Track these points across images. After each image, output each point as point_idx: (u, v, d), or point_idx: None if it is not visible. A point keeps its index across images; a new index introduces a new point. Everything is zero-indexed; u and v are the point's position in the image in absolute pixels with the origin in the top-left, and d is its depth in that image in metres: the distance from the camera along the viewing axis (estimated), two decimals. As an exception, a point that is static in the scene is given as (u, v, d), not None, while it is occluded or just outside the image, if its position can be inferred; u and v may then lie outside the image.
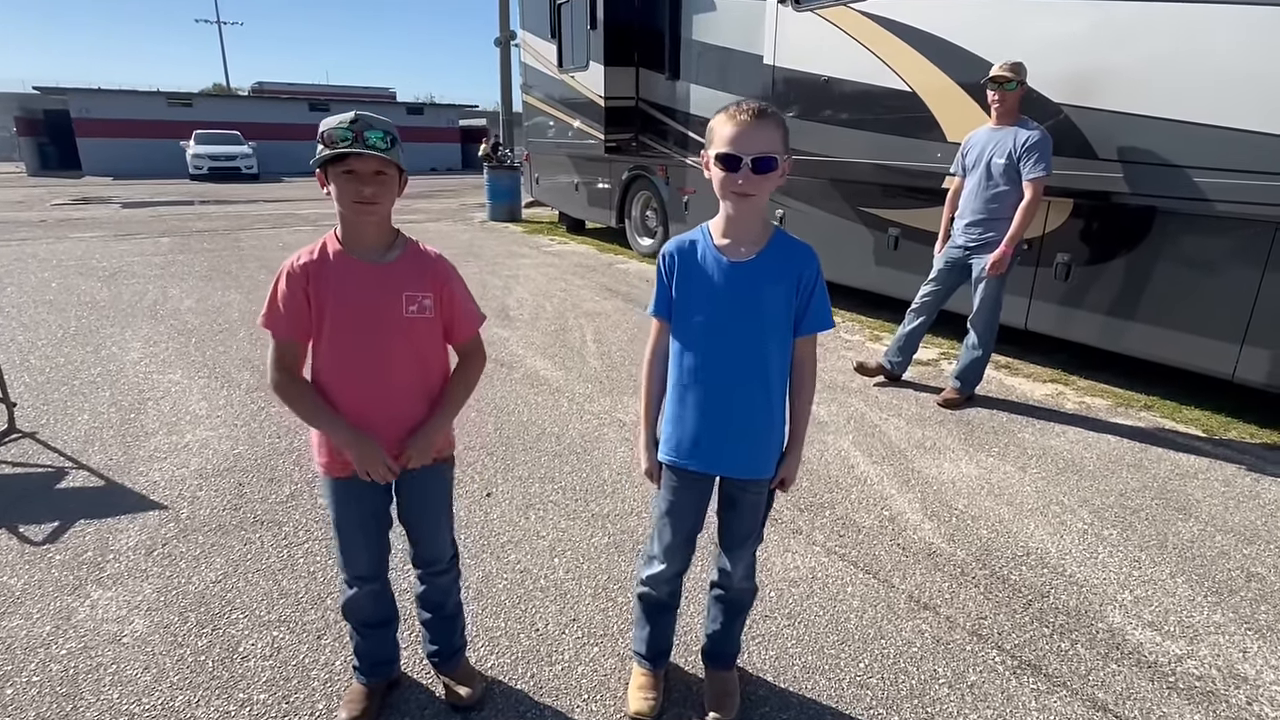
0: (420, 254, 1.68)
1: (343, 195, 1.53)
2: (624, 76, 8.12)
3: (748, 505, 1.72)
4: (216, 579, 2.44)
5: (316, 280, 1.59)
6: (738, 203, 1.53)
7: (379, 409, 1.66)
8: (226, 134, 24.49)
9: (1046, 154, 3.61)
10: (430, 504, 1.81)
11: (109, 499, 2.95)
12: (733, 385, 1.60)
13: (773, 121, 1.48)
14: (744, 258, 1.57)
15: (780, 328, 1.59)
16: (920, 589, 2.45)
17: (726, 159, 1.48)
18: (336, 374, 1.63)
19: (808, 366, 1.66)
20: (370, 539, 1.78)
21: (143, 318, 5.71)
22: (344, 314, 1.60)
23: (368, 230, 1.60)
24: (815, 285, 1.58)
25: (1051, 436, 3.72)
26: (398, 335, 1.63)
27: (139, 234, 10.49)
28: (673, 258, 1.63)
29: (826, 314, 1.61)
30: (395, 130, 1.55)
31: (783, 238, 1.60)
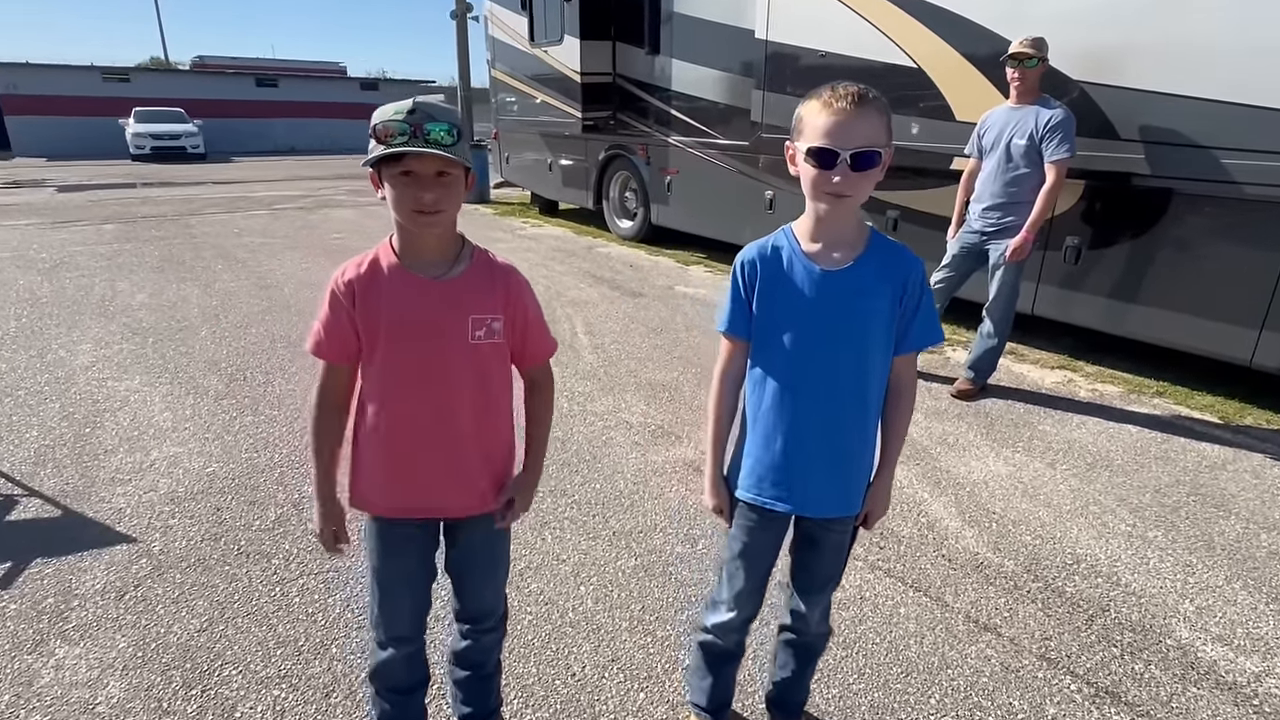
0: (490, 266, 1.42)
1: (400, 202, 1.26)
2: (601, 51, 7.76)
3: (831, 546, 1.52)
4: (201, 626, 2.15)
5: (365, 300, 1.34)
6: (832, 204, 1.30)
7: (437, 449, 1.42)
8: (169, 111, 23.20)
9: (1070, 134, 3.46)
10: (490, 555, 1.58)
11: (68, 532, 2.62)
12: (825, 412, 1.39)
13: (874, 108, 1.25)
14: (838, 265, 1.34)
15: (880, 345, 1.37)
16: (976, 607, 2.29)
17: (820, 154, 1.26)
18: (390, 409, 1.39)
19: (907, 388, 1.45)
20: (417, 594, 1.54)
21: (91, 315, 5.25)
22: (400, 340, 1.35)
23: (429, 240, 1.34)
24: (921, 294, 1.37)
25: (1072, 428, 3.61)
26: (461, 364, 1.38)
27: (79, 221, 9.79)
28: (753, 266, 1.40)
29: (935, 326, 1.40)
30: (459, 121, 1.28)
31: (881, 240, 1.38)
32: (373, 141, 1.24)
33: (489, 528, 1.52)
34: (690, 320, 5.37)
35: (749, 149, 6.27)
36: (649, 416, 3.69)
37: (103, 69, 26.59)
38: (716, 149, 6.74)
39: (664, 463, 3.21)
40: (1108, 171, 3.94)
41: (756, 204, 6.38)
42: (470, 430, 1.43)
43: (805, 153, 1.28)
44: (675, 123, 7.19)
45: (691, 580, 2.40)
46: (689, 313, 5.57)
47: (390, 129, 1.21)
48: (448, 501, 1.47)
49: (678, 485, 3.02)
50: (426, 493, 1.44)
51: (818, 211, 1.34)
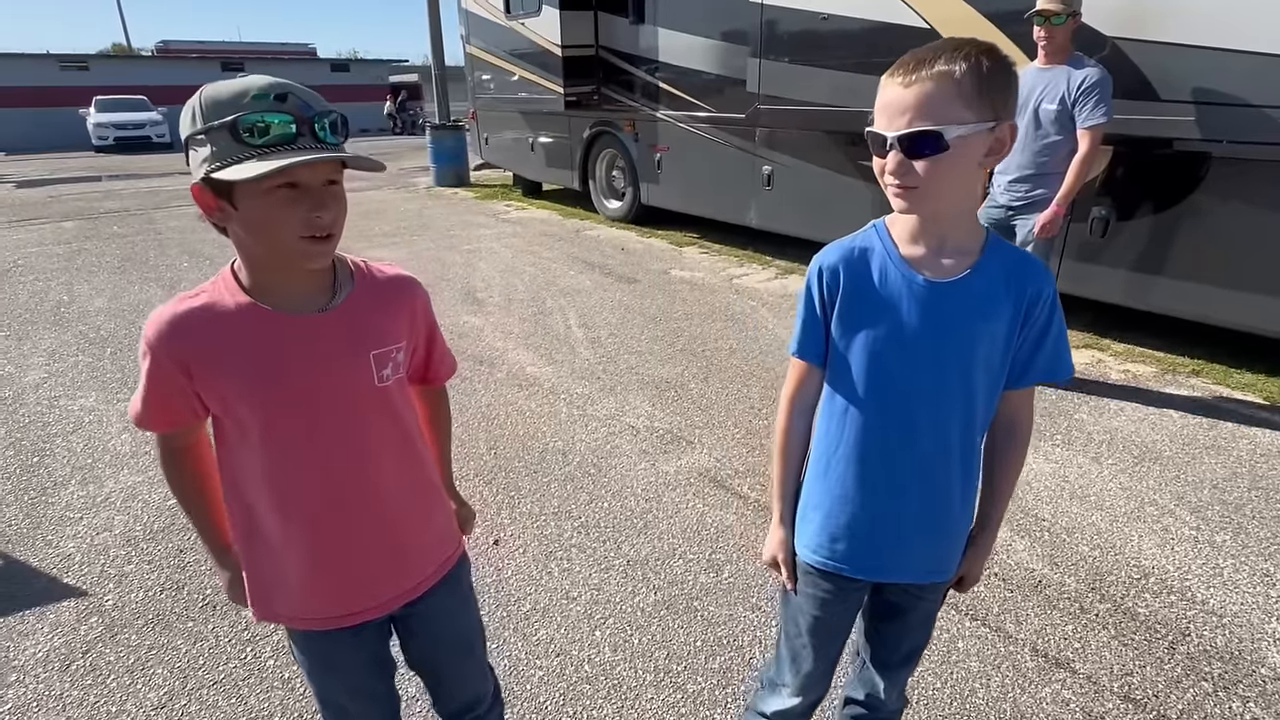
0: (379, 282, 1.10)
1: (280, 227, 0.93)
2: (582, 22, 7.32)
3: (920, 616, 1.24)
4: (160, 701, 1.85)
5: (207, 365, 0.98)
6: (899, 198, 1.00)
7: (365, 531, 1.10)
8: (132, 99, 22.30)
9: (1107, 96, 3.15)
10: (455, 629, 1.27)
11: (8, 587, 2.30)
12: (921, 459, 1.10)
13: (944, 79, 0.93)
14: (948, 275, 1.04)
15: (991, 376, 1.08)
16: (1043, 637, 2.03)
17: (872, 139, 1.00)
18: (287, 498, 1.05)
19: (1023, 428, 1.16)
20: (377, 701, 1.25)
21: (44, 325, 4.86)
22: (282, 408, 1.01)
23: (307, 271, 1.00)
24: (1051, 316, 1.07)
25: (1110, 416, 3.36)
26: (372, 417, 1.07)
27: (37, 219, 9.28)
28: (834, 274, 1.09)
29: (1065, 355, 1.09)
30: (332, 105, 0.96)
31: (1001, 246, 1.07)
32: (219, 144, 0.89)
33: (448, 598, 1.22)
34: (689, 308, 5.06)
35: (745, 121, 5.91)
36: (655, 419, 3.40)
37: (60, 57, 25.53)
38: (710, 123, 6.37)
39: (676, 473, 2.92)
40: (1145, 137, 3.64)
41: (753, 180, 6.04)
42: (399, 493, 1.12)
43: (865, 137, 1.01)
44: (664, 96, 6.80)
45: (720, 618, 2.12)
46: (687, 299, 5.25)
47: (265, 125, 0.87)
48: (395, 587, 1.15)
49: (694, 500, 2.73)
50: (365, 589, 1.12)
51: (896, 210, 1.04)
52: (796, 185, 5.58)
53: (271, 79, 0.93)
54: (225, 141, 0.88)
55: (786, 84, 5.31)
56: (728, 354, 4.19)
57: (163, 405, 1.02)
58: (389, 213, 9.33)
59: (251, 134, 0.88)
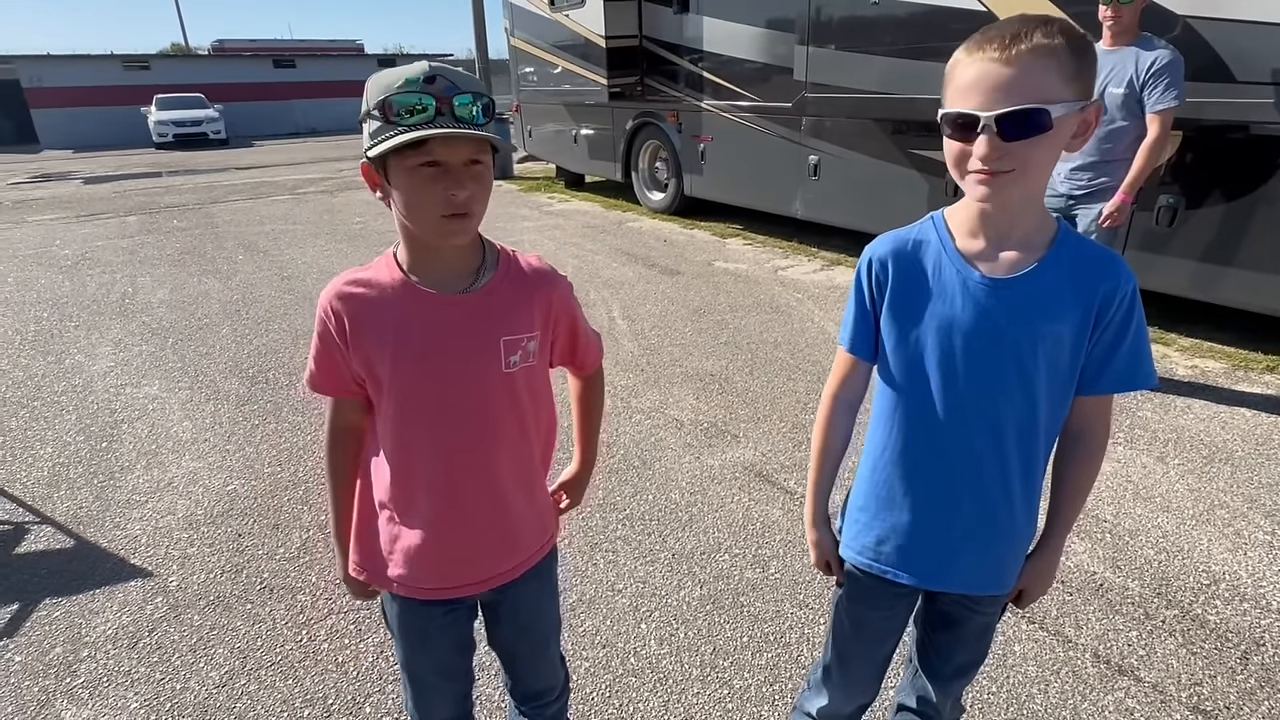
0: (523, 272, 1.11)
1: (423, 204, 0.96)
2: (626, 12, 7.29)
3: (975, 629, 1.19)
4: (221, 680, 1.92)
5: (362, 331, 1.04)
6: (985, 185, 0.92)
7: (476, 507, 1.13)
8: (190, 98, 23.08)
9: (1178, 78, 2.99)
10: (538, 619, 1.30)
11: (80, 565, 2.41)
12: (976, 465, 1.05)
13: (1044, 53, 0.87)
14: (1008, 272, 0.99)
15: (1059, 379, 1.01)
16: (1104, 643, 1.96)
17: (956, 120, 0.91)
18: (410, 464, 1.10)
19: (1097, 438, 1.08)
20: (457, 680, 1.29)
21: (111, 315, 5.07)
22: (413, 377, 1.05)
23: (450, 249, 1.04)
24: (1130, 318, 0.98)
25: (1177, 413, 3.21)
26: (498, 401, 1.09)
27: (103, 213, 9.68)
28: (884, 267, 1.05)
29: (1145, 362, 1.01)
30: (485, 90, 0.96)
31: (1074, 240, 1.00)
32: (375, 124, 0.92)
33: (538, 589, 1.25)
34: (734, 300, 5.01)
35: (791, 110, 5.81)
36: (700, 412, 3.38)
37: (123, 57, 26.51)
38: (755, 112, 6.28)
39: (721, 467, 2.90)
40: (1219, 121, 3.46)
41: (799, 170, 5.94)
42: (511, 476, 1.15)
43: (942, 120, 0.93)
44: (708, 86, 6.73)
45: (767, 614, 2.10)
46: (731, 291, 5.20)
47: (407, 105, 0.89)
48: (495, 568, 1.18)
49: (739, 494, 2.71)
50: (468, 566, 1.16)
51: (978, 201, 0.98)
52: (845, 175, 5.46)
53: (428, 64, 0.95)
54: (380, 122, 0.93)
55: (835, 71, 5.20)
56: (773, 347, 4.14)
57: (328, 369, 1.11)
58: (435, 206, 9.46)
59: (398, 114, 0.91)
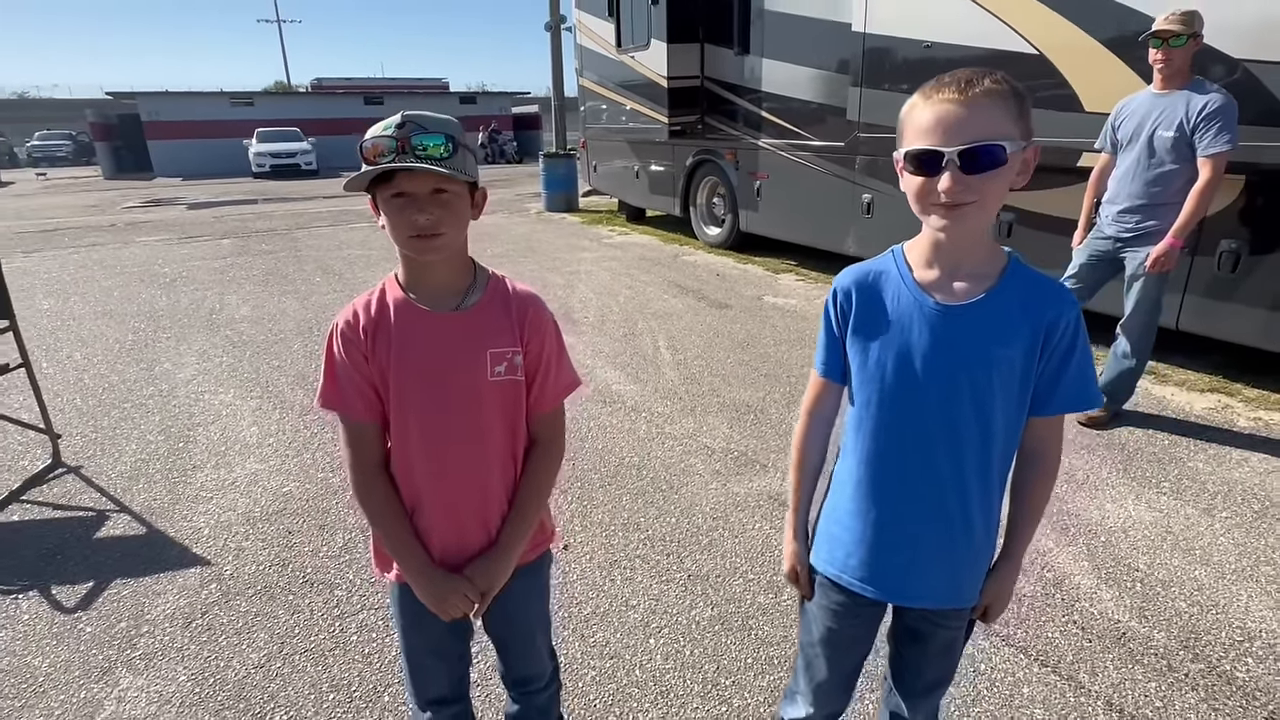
0: (508, 295, 1.25)
1: (397, 227, 1.12)
2: (688, 54, 7.55)
3: (940, 644, 1.23)
4: (259, 661, 2.09)
5: (374, 339, 1.19)
6: (947, 218, 1.01)
7: (466, 506, 1.25)
8: (287, 131, 24.80)
9: (1231, 123, 2.94)
10: (524, 614, 1.40)
11: (149, 551, 2.65)
12: (934, 482, 1.11)
13: (994, 96, 0.96)
14: (961, 299, 1.06)
15: (1011, 401, 1.08)
16: (1119, 692, 1.91)
17: (921, 157, 0.99)
18: (407, 461, 1.23)
19: (1049, 458, 1.15)
20: (450, 661, 1.39)
21: (198, 329, 5.51)
22: (411, 381, 1.19)
23: (435, 269, 1.19)
24: (1074, 343, 1.06)
25: (1231, 466, 3.08)
26: (484, 407, 1.22)
27: (202, 236, 10.50)
28: (848, 296, 1.14)
29: (1090, 385, 1.08)
30: (460, 132, 1.11)
31: (1022, 271, 1.08)
32: (361, 163, 1.08)
33: (525, 586, 1.34)
34: (779, 334, 5.07)
35: (844, 150, 5.88)
36: (732, 441, 3.44)
37: (231, 94, 28.76)
38: (809, 151, 6.38)
39: (747, 495, 2.95)
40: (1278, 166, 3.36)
41: (852, 208, 5.98)
42: (499, 479, 1.26)
43: (905, 158, 1.01)
44: (765, 125, 6.87)
45: (774, 638, 2.14)
46: (777, 325, 5.26)
47: (379, 146, 1.06)
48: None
49: (761, 522, 2.75)
50: (455, 560, 1.26)
51: (934, 231, 1.06)
52: (898, 213, 5.47)
53: (405, 113, 1.10)
54: (361, 161, 1.09)
55: (887, 112, 5.25)
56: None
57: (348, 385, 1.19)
58: (501, 236, 9.87)
59: (370, 156, 1.07)
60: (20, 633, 2.23)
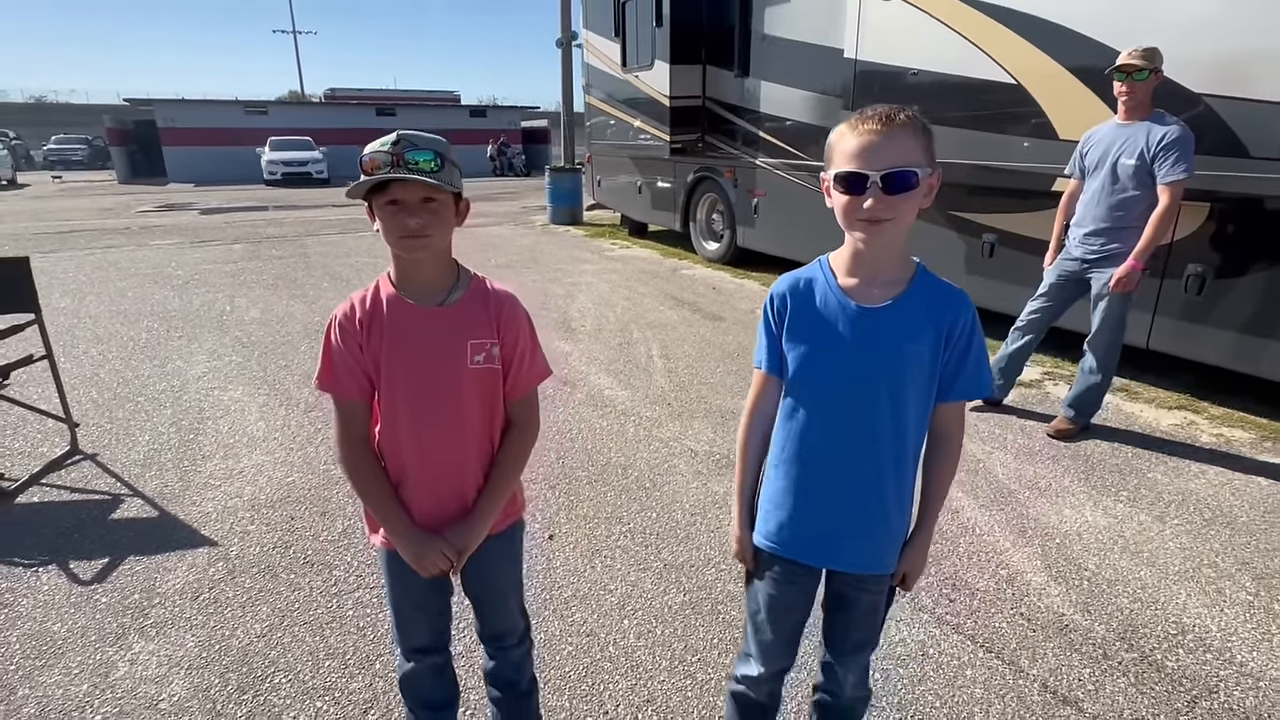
0: (487, 293, 1.43)
1: (389, 230, 1.30)
2: (690, 75, 7.80)
3: (864, 607, 1.40)
4: (262, 632, 2.25)
5: (369, 330, 1.36)
6: (868, 232, 1.20)
7: (445, 481, 1.42)
8: (299, 140, 25.21)
9: (1188, 153, 3.12)
10: (497, 575, 1.57)
11: (161, 532, 2.83)
12: (855, 461, 1.29)
13: (909, 128, 1.16)
14: (877, 302, 1.24)
15: (920, 390, 1.26)
16: (1056, 675, 2.06)
17: (849, 179, 1.17)
18: (395, 440, 1.40)
19: (953, 440, 1.33)
20: (432, 615, 1.56)
21: (209, 329, 5.72)
22: (400, 368, 1.36)
23: (423, 268, 1.37)
24: (971, 339, 1.25)
25: (1189, 478, 3.24)
26: (465, 391, 1.39)
27: (214, 241, 10.76)
28: (784, 300, 1.32)
29: (984, 377, 1.27)
30: (448, 149, 1.29)
31: (928, 278, 1.27)
32: (362, 176, 1.26)
33: (498, 550, 1.51)
34: (769, 345, 5.23)
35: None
36: (715, 445, 3.61)
37: (245, 103, 29.27)
38: (804, 170, 6.59)
39: (725, 494, 3.11)
40: (1237, 194, 3.54)
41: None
42: (475, 456, 1.43)
43: (834, 179, 1.20)
44: (763, 144, 7.09)
45: (739, 621, 2.29)
46: (768, 338, 5.43)
47: (375, 160, 1.24)
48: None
49: (737, 519, 2.91)
50: (434, 527, 1.43)
51: (855, 242, 1.24)
52: (886, 232, 5.66)
53: (399, 133, 1.27)
54: (360, 172, 1.27)
55: (876, 135, 5.45)
56: (797, 391, 4.32)
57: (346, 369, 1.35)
58: (505, 247, 10.10)
59: (368, 168, 1.26)
60: (41, 601, 2.40)
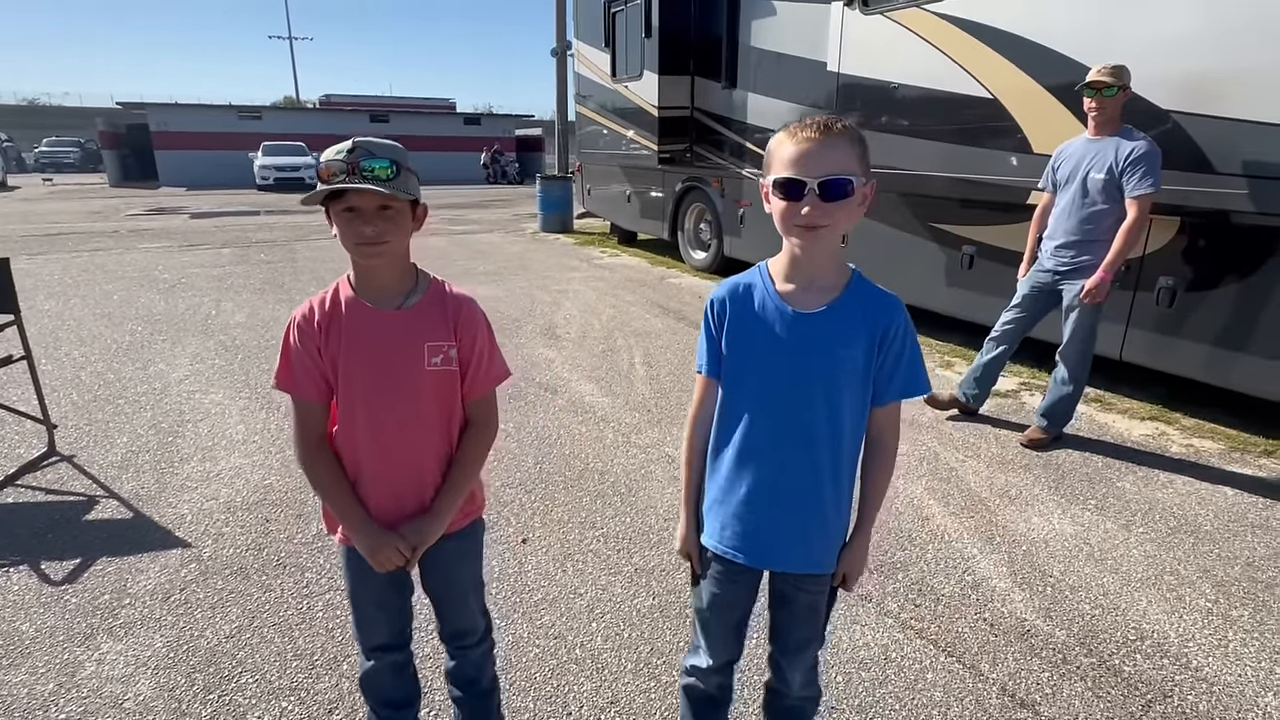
0: (444, 296, 1.46)
1: (345, 236, 1.32)
2: (679, 86, 7.87)
3: (804, 606, 1.42)
4: (230, 633, 2.26)
5: (327, 332, 1.38)
6: (805, 238, 1.23)
7: (403, 480, 1.44)
8: (292, 145, 25.21)
9: (1155, 168, 3.19)
10: (457, 574, 1.59)
11: (134, 533, 2.83)
12: (791, 462, 1.31)
13: (845, 138, 1.19)
14: (813, 308, 1.28)
15: (855, 394, 1.29)
16: (1015, 680, 2.09)
17: (787, 185, 1.19)
18: (353, 440, 1.42)
19: (888, 441, 1.36)
20: (391, 613, 1.57)
21: (194, 333, 5.72)
22: (358, 369, 1.38)
23: (380, 272, 1.39)
24: (904, 341, 1.28)
25: (1157, 487, 3.28)
26: (422, 392, 1.42)
27: (203, 245, 10.75)
28: (723, 304, 1.35)
29: (920, 376, 1.30)
30: (404, 156, 1.32)
31: (862, 284, 1.30)
32: (318, 183, 1.29)
33: (458, 549, 1.53)
34: (751, 354, 5.27)
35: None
36: (692, 451, 3.63)
37: (239, 108, 29.26)
38: (789, 181, 6.65)
39: (699, 500, 3.14)
40: (1204, 209, 3.62)
41: (828, 237, 6.25)
42: (432, 456, 1.45)
43: (772, 185, 1.23)
44: (749, 155, 7.16)
45: (706, 625, 2.32)
46: (751, 346, 5.47)
47: (331, 168, 1.26)
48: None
49: (709, 524, 2.94)
50: (391, 520, 1.45)
51: (792, 248, 1.28)
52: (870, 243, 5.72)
53: (356, 140, 1.30)
54: (318, 181, 1.29)
55: (858, 147, 5.53)
56: (776, 399, 4.36)
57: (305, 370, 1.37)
58: (495, 254, 10.13)
59: (323, 174, 1.28)
60: (10, 601, 2.40)
